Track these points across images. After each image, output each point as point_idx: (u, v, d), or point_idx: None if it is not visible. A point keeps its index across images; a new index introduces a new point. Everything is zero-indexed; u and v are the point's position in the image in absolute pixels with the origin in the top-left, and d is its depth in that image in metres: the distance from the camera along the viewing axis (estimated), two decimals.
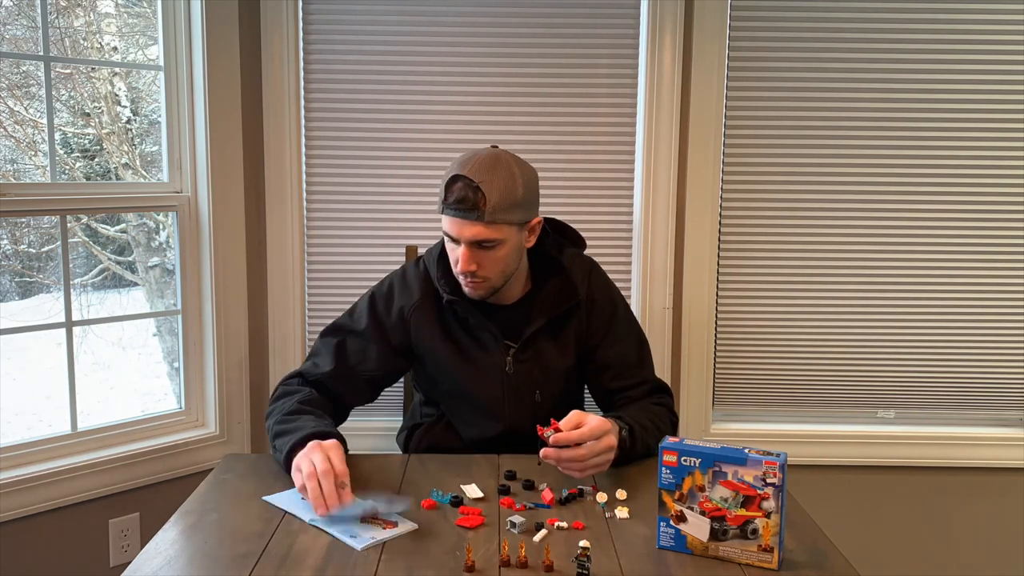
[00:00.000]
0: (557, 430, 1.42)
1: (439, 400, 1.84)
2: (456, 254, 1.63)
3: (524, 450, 1.66)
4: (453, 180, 1.58)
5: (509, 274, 1.68)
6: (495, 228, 1.59)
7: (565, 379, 1.77)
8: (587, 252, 1.90)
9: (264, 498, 1.44)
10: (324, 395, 1.69)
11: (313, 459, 1.38)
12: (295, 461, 1.43)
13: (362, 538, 1.29)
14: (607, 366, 1.77)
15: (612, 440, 1.48)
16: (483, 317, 1.71)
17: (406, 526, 1.34)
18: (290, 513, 1.39)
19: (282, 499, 1.44)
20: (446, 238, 1.66)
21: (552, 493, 1.45)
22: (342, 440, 1.51)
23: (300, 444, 1.46)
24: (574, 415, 1.46)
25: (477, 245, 1.60)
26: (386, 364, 1.75)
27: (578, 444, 1.42)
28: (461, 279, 1.67)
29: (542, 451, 1.43)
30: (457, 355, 1.73)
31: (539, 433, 1.43)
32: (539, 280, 1.76)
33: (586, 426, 1.44)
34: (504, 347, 1.72)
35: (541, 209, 1.82)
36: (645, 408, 1.70)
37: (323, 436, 1.48)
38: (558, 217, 1.91)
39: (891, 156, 2.40)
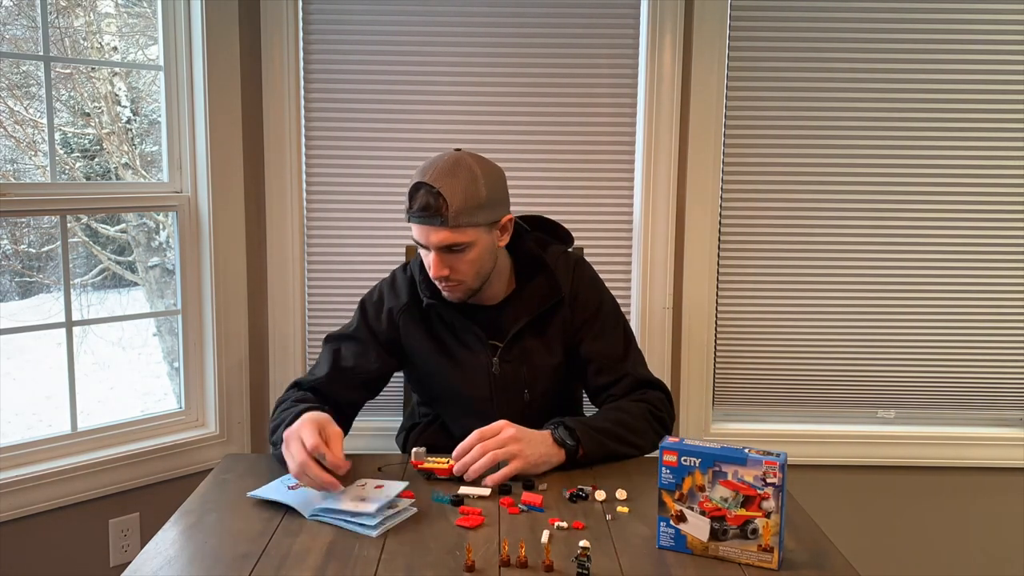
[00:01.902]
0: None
1: (430, 402, 1.85)
2: (428, 259, 1.65)
3: None
4: (416, 188, 1.59)
5: (485, 275, 1.69)
6: (461, 232, 1.60)
7: (553, 377, 1.77)
8: (587, 252, 1.90)
9: (249, 494, 1.43)
10: (320, 399, 1.70)
11: (301, 436, 1.41)
12: (283, 447, 1.45)
13: (371, 516, 1.32)
14: (590, 361, 1.76)
15: (510, 432, 1.51)
16: (466, 319, 1.72)
17: (405, 504, 1.37)
18: (285, 504, 1.39)
19: (269, 491, 1.43)
20: (417, 245, 1.67)
21: (540, 495, 1.45)
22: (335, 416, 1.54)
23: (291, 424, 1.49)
24: (494, 425, 1.52)
25: (446, 250, 1.62)
26: (380, 365, 1.77)
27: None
28: (438, 283, 1.68)
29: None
30: (444, 357, 1.74)
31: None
32: (523, 279, 1.77)
33: (473, 432, 1.51)
34: (490, 347, 1.73)
35: (541, 209, 1.82)
36: (615, 407, 1.68)
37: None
38: (557, 218, 1.90)
39: (891, 156, 2.40)
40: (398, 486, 1.41)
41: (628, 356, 1.77)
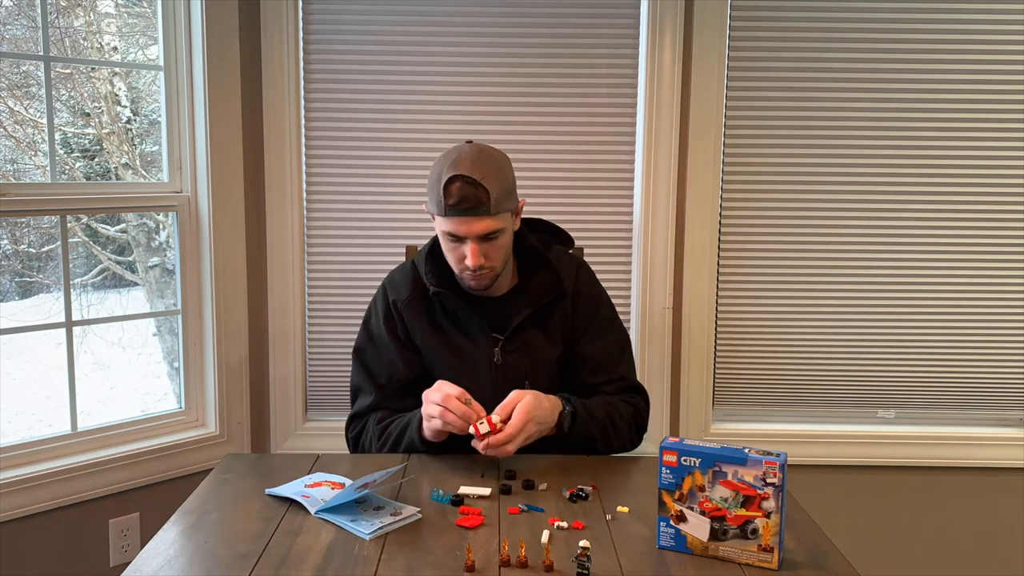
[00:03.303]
0: (492, 426, 1.51)
1: None
2: (460, 252, 1.65)
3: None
4: (451, 181, 1.59)
5: (507, 259, 1.73)
6: (499, 219, 1.63)
7: (553, 370, 1.78)
8: (587, 252, 1.91)
9: (268, 491, 1.45)
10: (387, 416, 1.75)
11: (443, 387, 1.55)
12: (424, 417, 1.58)
13: (369, 522, 1.31)
14: (586, 360, 1.78)
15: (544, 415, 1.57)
16: (471, 309, 1.73)
17: (409, 513, 1.36)
18: (297, 502, 1.40)
19: (286, 491, 1.45)
20: (446, 238, 1.66)
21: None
22: None
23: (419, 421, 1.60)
24: (512, 397, 1.56)
25: (484, 239, 1.63)
26: (410, 366, 1.77)
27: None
28: (466, 275, 1.69)
29: (480, 445, 1.52)
30: (446, 348, 1.75)
31: (475, 432, 1.51)
32: (526, 274, 1.78)
33: (514, 419, 1.53)
34: (492, 339, 1.74)
35: (540, 209, 1.81)
36: (607, 402, 1.72)
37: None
38: (558, 218, 1.91)
39: (892, 156, 2.40)
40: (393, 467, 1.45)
41: (623, 360, 1.82)
